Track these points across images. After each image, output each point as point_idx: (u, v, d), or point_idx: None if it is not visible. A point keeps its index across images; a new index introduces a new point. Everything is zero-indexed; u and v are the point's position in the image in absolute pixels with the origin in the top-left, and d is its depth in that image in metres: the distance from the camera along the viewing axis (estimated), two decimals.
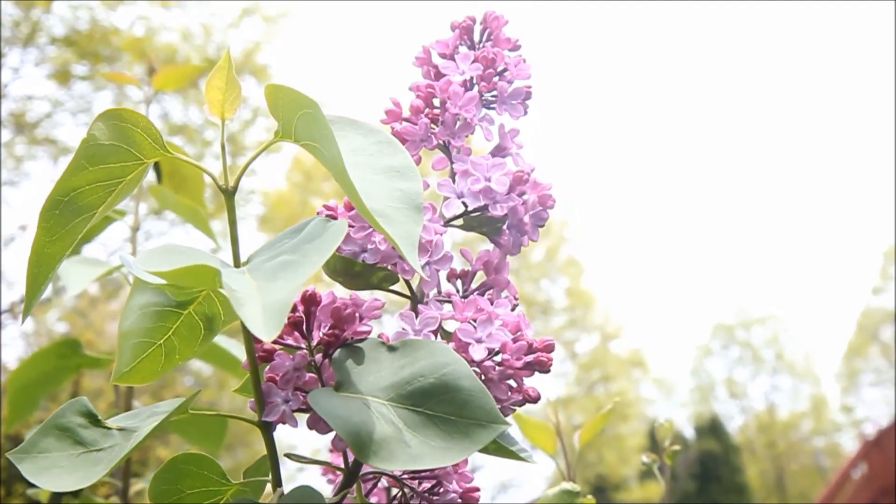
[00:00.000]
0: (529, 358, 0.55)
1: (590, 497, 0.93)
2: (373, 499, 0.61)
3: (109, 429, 0.53)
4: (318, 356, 0.56)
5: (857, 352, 20.90)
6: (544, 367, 0.55)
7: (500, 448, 0.57)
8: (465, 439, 0.49)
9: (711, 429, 18.94)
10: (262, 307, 0.45)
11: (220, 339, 1.10)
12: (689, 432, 19.73)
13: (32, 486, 1.06)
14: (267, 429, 0.55)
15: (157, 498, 0.56)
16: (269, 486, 0.56)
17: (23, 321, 0.53)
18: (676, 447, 1.00)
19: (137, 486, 1.12)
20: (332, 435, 0.54)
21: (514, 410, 0.56)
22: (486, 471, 12.67)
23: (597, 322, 12.77)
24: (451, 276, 0.62)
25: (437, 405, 0.50)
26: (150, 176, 1.23)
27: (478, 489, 0.60)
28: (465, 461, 0.60)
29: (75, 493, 1.05)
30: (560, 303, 12.62)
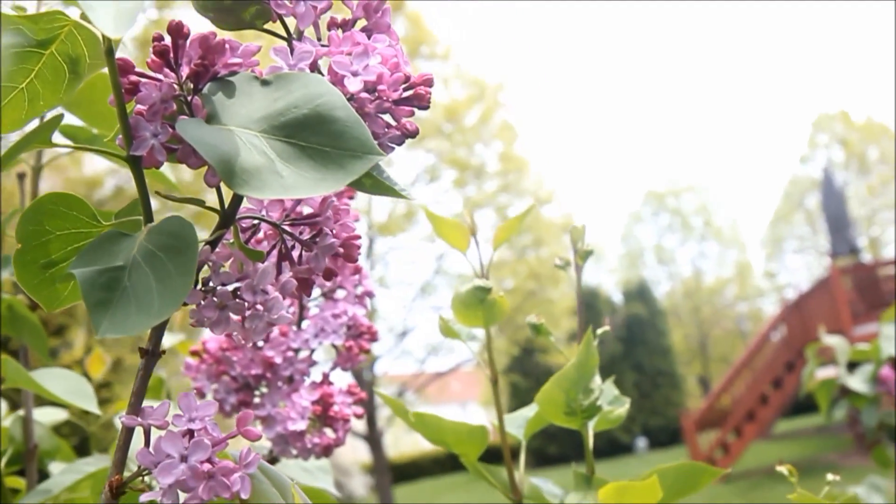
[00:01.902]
0: (408, 92, 0.54)
1: (501, 294, 0.93)
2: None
3: None
4: (190, 97, 0.53)
5: (783, 219, 21.47)
6: (422, 102, 0.54)
7: (378, 184, 0.56)
8: (340, 170, 0.48)
9: (639, 293, 19.45)
10: (114, 8, 0.43)
11: None
12: (617, 297, 20.24)
13: None
14: (136, 164, 0.53)
15: (25, 240, 0.54)
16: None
17: None
18: (590, 249, 0.97)
19: None
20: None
21: (394, 148, 0.55)
22: (417, 334, 12.89)
23: (530, 187, 12.81)
24: (332, 25, 0.59)
25: (310, 136, 0.49)
26: None
27: (359, 237, 0.59)
28: (348, 212, 0.59)
29: None
30: (493, 167, 12.62)
